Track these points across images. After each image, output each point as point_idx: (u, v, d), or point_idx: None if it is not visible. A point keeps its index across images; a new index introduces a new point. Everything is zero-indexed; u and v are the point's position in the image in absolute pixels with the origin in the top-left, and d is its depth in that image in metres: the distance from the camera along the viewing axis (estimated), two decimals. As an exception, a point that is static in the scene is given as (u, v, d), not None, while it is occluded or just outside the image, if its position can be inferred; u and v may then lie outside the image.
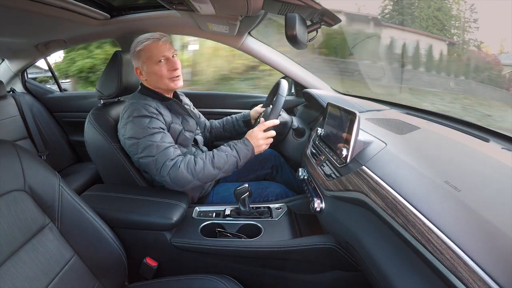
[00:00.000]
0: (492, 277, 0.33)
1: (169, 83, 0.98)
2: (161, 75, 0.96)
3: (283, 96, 0.98)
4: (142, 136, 0.89)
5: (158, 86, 1.00)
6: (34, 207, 0.59)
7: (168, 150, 0.89)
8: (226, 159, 0.90)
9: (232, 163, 0.91)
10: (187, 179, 0.87)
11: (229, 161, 0.91)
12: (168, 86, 0.99)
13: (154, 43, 0.94)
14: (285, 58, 1.49)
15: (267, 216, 0.95)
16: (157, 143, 0.88)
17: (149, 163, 0.88)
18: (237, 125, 1.32)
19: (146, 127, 0.89)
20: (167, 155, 0.88)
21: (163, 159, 0.87)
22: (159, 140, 0.89)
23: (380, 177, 0.56)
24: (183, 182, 0.87)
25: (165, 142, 0.90)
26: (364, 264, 0.56)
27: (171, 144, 0.91)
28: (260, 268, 0.86)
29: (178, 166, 0.86)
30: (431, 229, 0.41)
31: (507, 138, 0.71)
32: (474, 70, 1.93)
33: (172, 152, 0.89)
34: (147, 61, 0.95)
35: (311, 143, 1.02)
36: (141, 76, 1.00)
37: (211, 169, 0.89)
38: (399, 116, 0.97)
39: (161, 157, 0.87)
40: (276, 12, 0.96)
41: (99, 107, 1.07)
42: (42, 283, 0.56)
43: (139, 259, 0.86)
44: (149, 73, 0.97)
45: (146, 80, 1.00)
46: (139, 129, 0.89)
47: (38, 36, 1.47)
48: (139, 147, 0.89)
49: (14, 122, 1.56)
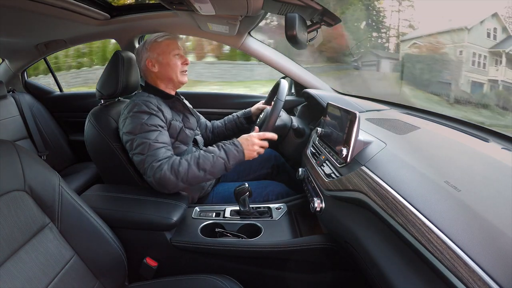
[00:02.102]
0: (492, 277, 0.33)
1: (180, 75, 1.04)
2: (175, 66, 1.03)
3: (282, 100, 0.97)
4: (138, 133, 0.89)
5: (169, 77, 1.03)
6: (34, 207, 0.59)
7: (158, 151, 0.88)
8: (212, 160, 0.87)
9: (219, 165, 0.88)
10: (170, 181, 0.85)
11: (216, 163, 0.87)
12: (178, 78, 1.04)
13: (173, 40, 1.04)
14: (285, 58, 1.49)
15: (267, 216, 0.95)
16: (150, 141, 0.88)
17: (139, 161, 0.88)
18: (239, 123, 1.32)
19: (144, 123, 0.90)
20: (156, 156, 0.87)
21: (150, 160, 0.86)
22: (153, 139, 0.89)
23: (380, 177, 0.56)
24: (167, 184, 0.85)
25: (158, 141, 0.89)
26: (364, 264, 0.56)
27: (163, 145, 0.90)
28: (260, 268, 0.86)
29: (162, 167, 0.85)
30: (431, 229, 0.41)
31: (507, 138, 0.71)
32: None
33: (162, 153, 0.88)
34: (163, 53, 1.01)
35: (311, 143, 1.02)
36: (153, 68, 1.02)
37: (195, 171, 0.86)
38: (399, 116, 0.97)
39: (150, 157, 0.87)
40: (276, 12, 0.96)
41: (99, 107, 1.07)
42: (42, 283, 0.56)
43: (139, 259, 0.86)
44: (164, 64, 1.02)
45: (157, 72, 1.03)
46: (136, 125, 0.90)
47: (38, 36, 1.47)
48: (134, 143, 0.89)
49: (14, 122, 1.56)
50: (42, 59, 1.75)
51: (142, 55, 1.03)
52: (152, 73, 1.03)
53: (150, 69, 1.02)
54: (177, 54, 1.03)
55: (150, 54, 1.02)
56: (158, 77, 1.04)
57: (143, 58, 1.03)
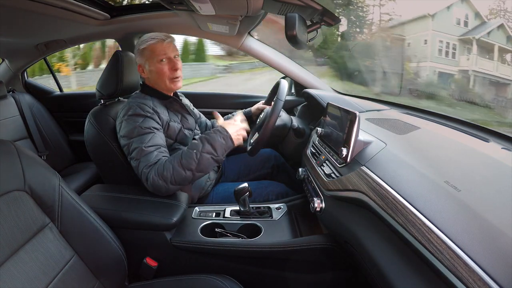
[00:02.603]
0: (492, 277, 0.33)
1: (169, 83, 1.00)
2: (162, 74, 0.98)
3: (282, 100, 0.97)
4: (134, 136, 0.89)
5: (158, 84, 1.01)
6: (34, 207, 0.59)
7: (149, 155, 0.86)
8: (196, 158, 0.83)
9: (205, 160, 0.84)
10: (160, 186, 0.84)
11: (201, 160, 0.83)
12: (168, 86, 1.01)
13: (159, 43, 0.96)
14: (285, 58, 1.49)
15: (267, 216, 0.95)
16: (142, 146, 0.87)
17: (135, 167, 0.89)
18: None
19: (139, 126, 0.90)
20: (146, 161, 0.86)
21: (142, 166, 0.86)
22: (146, 142, 0.88)
23: (380, 177, 0.56)
24: (159, 189, 0.85)
25: (151, 145, 0.88)
26: (364, 264, 0.56)
27: (156, 147, 0.89)
28: (260, 268, 0.86)
29: (150, 174, 0.84)
30: (431, 229, 0.41)
31: (507, 138, 0.71)
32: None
33: (153, 157, 0.86)
34: (149, 59, 0.97)
35: (311, 143, 1.02)
36: (143, 74, 1.02)
37: (181, 172, 0.83)
38: (399, 116, 0.97)
39: (142, 163, 0.86)
40: (276, 12, 0.96)
41: (99, 107, 1.07)
42: (42, 283, 0.56)
43: (139, 259, 0.86)
44: (151, 71, 0.99)
45: (147, 78, 1.02)
46: (131, 128, 0.90)
47: (38, 36, 1.47)
48: (130, 148, 0.90)
49: (14, 122, 1.56)
50: (42, 59, 1.75)
51: (136, 58, 1.02)
52: (144, 78, 1.03)
53: (141, 74, 1.02)
54: (163, 60, 0.96)
55: (139, 59, 1.00)
56: (150, 82, 1.03)
57: (136, 61, 1.02)
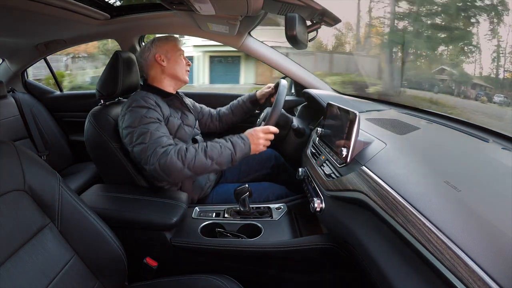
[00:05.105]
0: (492, 277, 0.33)
1: (184, 74, 1.10)
2: (181, 64, 1.09)
3: (282, 100, 0.98)
4: (138, 125, 0.90)
5: (175, 73, 1.07)
6: (34, 207, 0.59)
7: (161, 139, 0.89)
8: (220, 149, 0.88)
9: (226, 155, 0.89)
10: (176, 167, 0.85)
11: (223, 153, 0.88)
12: (183, 76, 1.10)
13: (178, 42, 1.11)
14: (285, 58, 1.49)
15: (267, 216, 0.95)
16: (151, 131, 0.89)
17: (141, 150, 0.88)
18: (245, 107, 1.31)
19: (143, 116, 0.91)
20: (159, 142, 0.88)
21: (154, 146, 0.87)
22: (153, 129, 0.90)
23: (380, 177, 0.56)
24: (173, 169, 0.85)
25: (159, 131, 0.91)
26: (363, 264, 0.56)
27: (164, 134, 0.92)
28: (260, 268, 0.86)
29: (168, 152, 0.85)
30: (431, 229, 0.41)
31: (507, 138, 0.71)
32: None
33: (165, 141, 0.89)
34: (171, 51, 1.07)
35: (311, 143, 1.02)
36: (162, 62, 1.05)
37: (203, 159, 0.87)
38: (399, 116, 0.97)
39: (153, 144, 0.87)
40: (276, 12, 0.96)
41: (99, 107, 1.07)
42: (42, 283, 0.56)
43: (139, 259, 0.86)
44: (173, 60, 1.07)
45: (165, 66, 1.05)
46: (135, 118, 0.91)
47: (38, 36, 1.47)
48: (134, 135, 0.90)
49: (14, 122, 1.56)
50: (42, 59, 1.75)
51: (150, 50, 1.06)
52: (159, 67, 1.05)
53: (159, 62, 1.05)
54: (181, 54, 1.09)
55: (159, 49, 1.06)
56: (164, 72, 1.06)
57: (151, 52, 1.05)
